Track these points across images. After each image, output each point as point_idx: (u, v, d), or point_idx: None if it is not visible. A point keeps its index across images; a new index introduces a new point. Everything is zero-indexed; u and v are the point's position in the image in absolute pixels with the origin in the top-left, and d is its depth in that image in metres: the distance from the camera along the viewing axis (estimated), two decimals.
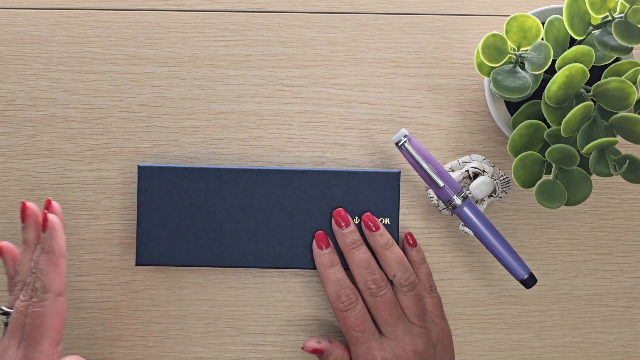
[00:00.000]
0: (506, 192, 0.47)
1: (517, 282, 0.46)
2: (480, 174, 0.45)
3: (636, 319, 0.48)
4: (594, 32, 0.39)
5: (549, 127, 0.39)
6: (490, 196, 0.45)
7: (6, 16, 0.47)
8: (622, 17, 0.38)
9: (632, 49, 0.40)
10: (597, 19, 0.39)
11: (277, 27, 0.47)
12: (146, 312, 0.47)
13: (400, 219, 0.47)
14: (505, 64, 0.40)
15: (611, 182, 0.48)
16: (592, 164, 0.38)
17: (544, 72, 0.40)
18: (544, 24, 0.40)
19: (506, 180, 0.46)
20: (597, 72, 0.40)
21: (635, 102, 0.37)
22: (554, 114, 0.39)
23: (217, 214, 0.45)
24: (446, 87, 0.48)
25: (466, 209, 0.43)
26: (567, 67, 0.37)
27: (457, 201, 0.43)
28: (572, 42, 0.41)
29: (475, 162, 0.46)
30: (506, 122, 0.43)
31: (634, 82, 0.37)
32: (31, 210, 0.43)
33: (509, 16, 0.39)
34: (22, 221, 0.43)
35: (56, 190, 0.47)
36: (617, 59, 0.42)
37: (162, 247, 0.45)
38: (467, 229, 0.44)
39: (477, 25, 0.48)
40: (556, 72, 0.37)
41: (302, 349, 0.44)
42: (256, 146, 0.47)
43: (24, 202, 0.43)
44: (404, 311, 0.43)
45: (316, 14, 0.48)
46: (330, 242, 0.45)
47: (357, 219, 0.45)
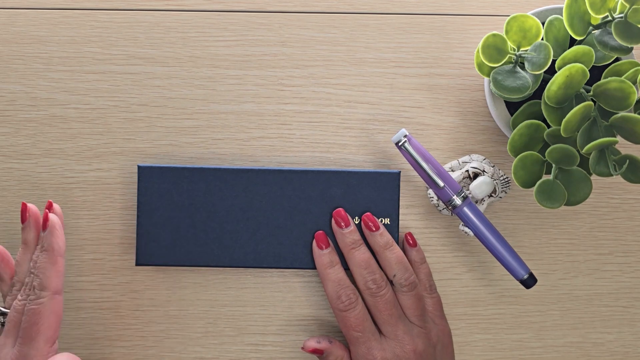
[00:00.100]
0: (506, 192, 0.47)
1: (517, 282, 0.46)
2: (480, 174, 0.45)
3: (636, 319, 0.48)
4: (594, 32, 0.39)
5: (549, 127, 0.39)
6: (490, 196, 0.45)
7: (6, 16, 0.47)
8: (622, 17, 0.38)
9: (632, 49, 0.40)
10: (597, 19, 0.39)
11: (277, 27, 0.47)
12: (146, 312, 0.47)
13: (400, 219, 0.47)
14: (505, 64, 0.40)
15: (611, 182, 0.48)
16: (592, 164, 0.38)
17: (544, 72, 0.40)
18: (544, 24, 0.40)
19: (506, 180, 0.46)
20: (597, 72, 0.40)
21: (635, 102, 0.37)
22: (554, 114, 0.39)
23: (217, 214, 0.45)
24: (446, 87, 0.48)
25: (466, 209, 0.43)
26: (567, 67, 0.37)
27: (457, 201, 0.43)
28: (572, 42, 0.41)
29: (475, 162, 0.46)
30: (506, 122, 0.43)
31: (634, 82, 0.37)
32: (31, 211, 0.43)
33: (509, 16, 0.39)
34: (22, 222, 0.43)
35: (56, 190, 0.47)
36: (617, 59, 0.42)
37: (162, 247, 0.45)
38: (467, 229, 0.44)
39: (477, 25, 0.48)
40: (556, 72, 0.37)
41: (302, 349, 0.44)
42: (256, 146, 0.47)
43: (24, 203, 0.43)
44: (404, 311, 0.43)
45: (316, 14, 0.48)
46: (330, 242, 0.45)
47: (357, 219, 0.45)
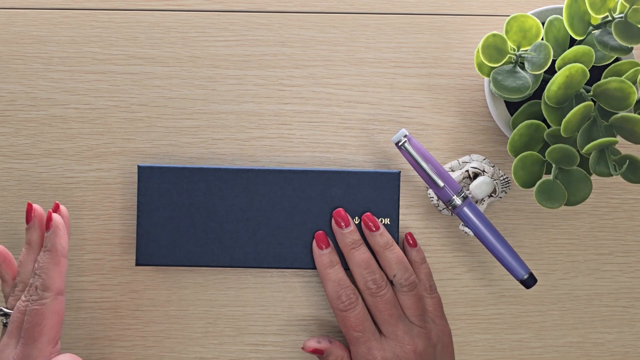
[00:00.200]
0: (506, 192, 0.47)
1: (517, 282, 0.46)
2: (480, 174, 0.45)
3: (636, 319, 0.48)
4: (594, 32, 0.39)
5: (549, 127, 0.39)
6: (490, 196, 0.45)
7: (6, 16, 0.47)
8: (622, 17, 0.38)
9: (632, 49, 0.40)
10: (597, 19, 0.39)
11: (277, 27, 0.47)
12: (146, 312, 0.47)
13: (400, 219, 0.47)
14: (505, 64, 0.40)
15: (611, 182, 0.48)
16: (592, 164, 0.38)
17: (544, 72, 0.40)
18: (544, 24, 0.40)
19: (506, 180, 0.46)
20: (597, 72, 0.40)
21: (635, 102, 0.37)
22: (554, 114, 0.39)
23: (217, 214, 0.45)
24: (446, 87, 0.48)
25: (466, 209, 0.43)
26: (567, 67, 0.37)
27: (457, 201, 0.43)
28: (572, 42, 0.41)
29: (475, 162, 0.46)
30: (506, 122, 0.43)
31: (634, 82, 0.37)
32: (36, 211, 0.43)
33: (509, 16, 0.39)
34: (27, 222, 0.43)
35: (56, 190, 0.47)
36: (617, 59, 0.42)
37: (162, 247, 0.45)
38: (467, 229, 0.44)
39: (477, 25, 0.48)
40: (556, 72, 0.37)
41: (302, 349, 0.44)
42: (256, 146, 0.47)
43: (30, 204, 0.43)
44: (404, 311, 0.43)
45: (316, 14, 0.48)
46: (330, 242, 0.45)
47: (357, 219, 0.45)
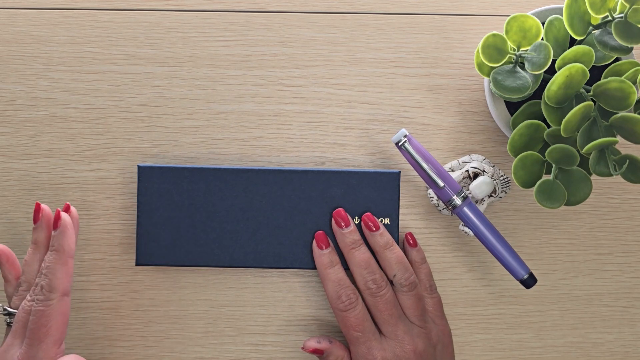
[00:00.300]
0: (506, 192, 0.47)
1: (517, 282, 0.46)
2: (480, 174, 0.45)
3: (636, 319, 0.48)
4: (594, 32, 0.39)
5: (549, 127, 0.39)
6: (490, 196, 0.45)
7: (6, 16, 0.47)
8: (622, 17, 0.38)
9: (632, 49, 0.40)
10: (597, 19, 0.39)
11: (277, 27, 0.47)
12: (146, 312, 0.47)
13: (400, 219, 0.47)
14: (505, 64, 0.40)
15: (611, 182, 0.48)
16: (592, 164, 0.38)
17: (544, 72, 0.40)
18: (544, 24, 0.40)
19: (506, 180, 0.46)
20: (597, 72, 0.40)
21: (635, 102, 0.37)
22: (554, 114, 0.39)
23: (217, 214, 0.45)
24: (446, 87, 0.48)
25: (466, 209, 0.43)
26: (567, 67, 0.37)
27: (457, 201, 0.43)
28: (572, 42, 0.41)
29: (475, 162, 0.46)
30: (506, 122, 0.43)
31: (634, 82, 0.37)
32: (44, 212, 0.43)
33: (509, 16, 0.39)
34: (34, 222, 0.43)
35: (56, 190, 0.47)
36: (617, 59, 0.42)
37: (162, 247, 0.45)
38: (467, 229, 0.44)
39: (477, 25, 0.48)
40: (556, 72, 0.37)
41: (302, 349, 0.44)
42: (256, 146, 0.47)
43: (38, 203, 0.43)
44: (404, 311, 0.43)
45: (316, 14, 0.48)
46: (330, 242, 0.45)
47: (357, 219, 0.45)
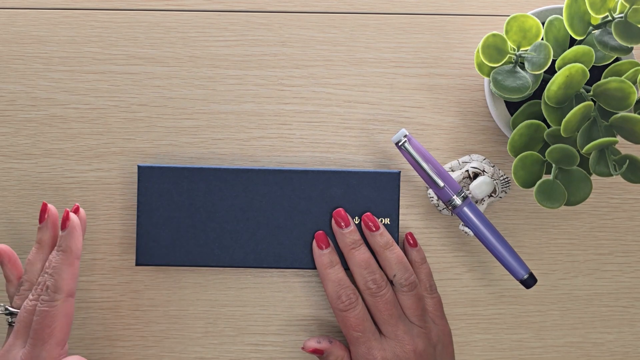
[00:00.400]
0: (506, 192, 0.47)
1: (517, 282, 0.46)
2: (480, 174, 0.45)
3: (636, 319, 0.48)
4: (594, 32, 0.39)
5: (549, 127, 0.39)
6: (490, 196, 0.45)
7: (6, 16, 0.47)
8: (622, 17, 0.38)
9: (632, 49, 0.40)
10: (597, 19, 0.39)
11: (277, 27, 0.47)
12: (146, 312, 0.47)
13: (400, 219, 0.47)
14: (505, 64, 0.40)
15: (611, 182, 0.48)
16: (592, 164, 0.38)
17: (544, 72, 0.40)
18: (544, 24, 0.40)
19: (506, 180, 0.46)
20: (597, 72, 0.40)
21: (635, 102, 0.37)
22: (554, 114, 0.39)
23: (217, 214, 0.45)
24: (446, 87, 0.48)
25: (466, 209, 0.43)
26: (567, 67, 0.37)
27: (457, 201, 0.43)
28: (572, 42, 0.41)
29: (475, 162, 0.46)
30: (506, 122, 0.43)
31: (634, 82, 0.37)
32: (50, 212, 0.43)
33: (509, 16, 0.39)
34: (40, 222, 0.43)
35: (56, 190, 0.47)
36: (617, 59, 0.42)
37: (162, 247, 0.45)
38: (467, 229, 0.44)
39: (477, 25, 0.48)
40: (556, 72, 0.37)
41: (302, 349, 0.44)
42: (256, 146, 0.47)
43: (45, 203, 0.43)
44: (404, 311, 0.43)
45: (316, 14, 0.48)
46: (330, 242, 0.45)
47: (357, 219, 0.45)
